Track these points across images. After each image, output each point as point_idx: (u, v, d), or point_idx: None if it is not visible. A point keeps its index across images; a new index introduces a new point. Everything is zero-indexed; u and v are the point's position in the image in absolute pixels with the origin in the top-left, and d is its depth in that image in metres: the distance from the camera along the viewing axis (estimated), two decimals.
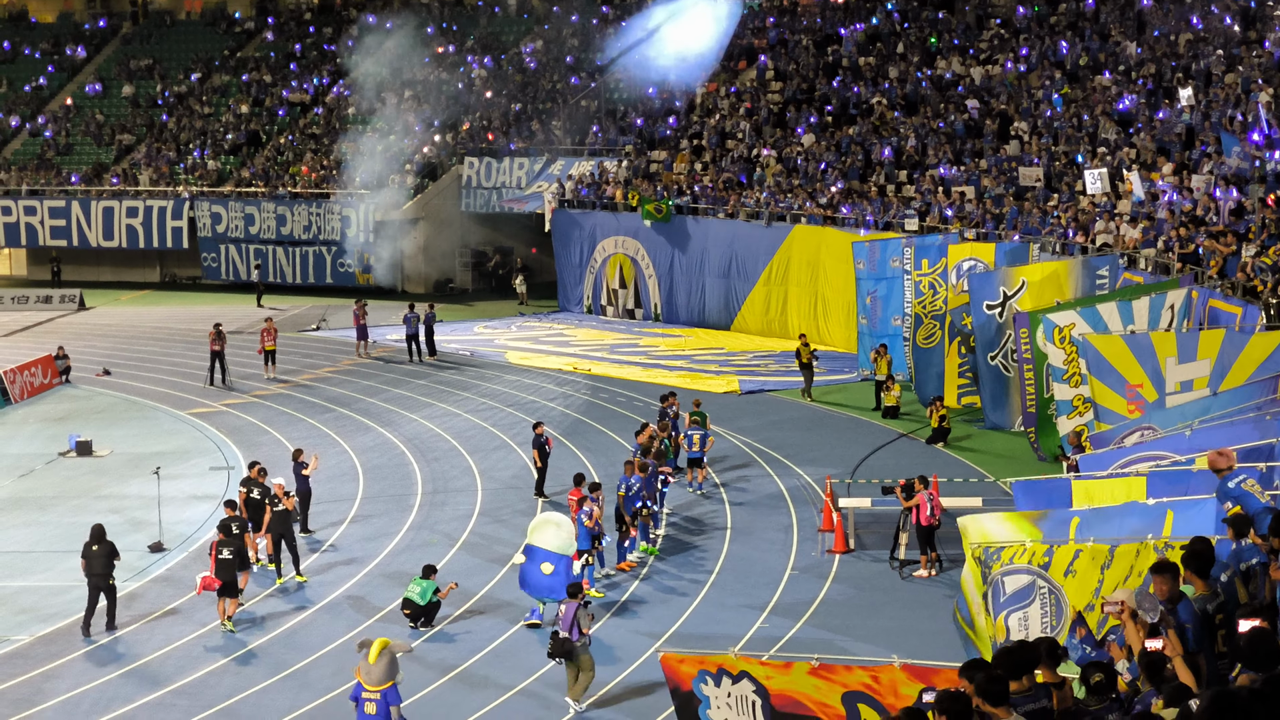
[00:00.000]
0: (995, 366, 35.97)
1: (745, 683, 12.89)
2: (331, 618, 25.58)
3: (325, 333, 55.58)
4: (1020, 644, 11.94)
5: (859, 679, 12.66)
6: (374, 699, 19.26)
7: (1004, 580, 15.88)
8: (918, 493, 26.71)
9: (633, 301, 56.80)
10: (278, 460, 34.20)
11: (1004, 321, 35.26)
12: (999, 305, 35.59)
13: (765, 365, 46.83)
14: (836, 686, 12.59)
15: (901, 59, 58.23)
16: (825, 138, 55.07)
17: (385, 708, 19.25)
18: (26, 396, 44.68)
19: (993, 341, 35.74)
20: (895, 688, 12.46)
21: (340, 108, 71.57)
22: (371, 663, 19.33)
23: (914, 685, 12.35)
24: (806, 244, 49.69)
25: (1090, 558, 15.46)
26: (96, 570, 25.04)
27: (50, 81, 79.16)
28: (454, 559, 28.21)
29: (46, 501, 33.48)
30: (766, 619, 24.67)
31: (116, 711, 21.83)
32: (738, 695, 12.89)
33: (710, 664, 13.16)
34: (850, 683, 12.64)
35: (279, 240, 65.91)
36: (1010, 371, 35.26)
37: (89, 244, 69.44)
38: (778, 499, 31.86)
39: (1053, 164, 45.21)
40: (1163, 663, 10.93)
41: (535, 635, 24.12)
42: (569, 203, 58.95)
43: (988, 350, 35.96)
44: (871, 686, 12.54)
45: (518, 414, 40.13)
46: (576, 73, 67.88)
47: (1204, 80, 45.96)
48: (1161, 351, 26.44)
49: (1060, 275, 35.96)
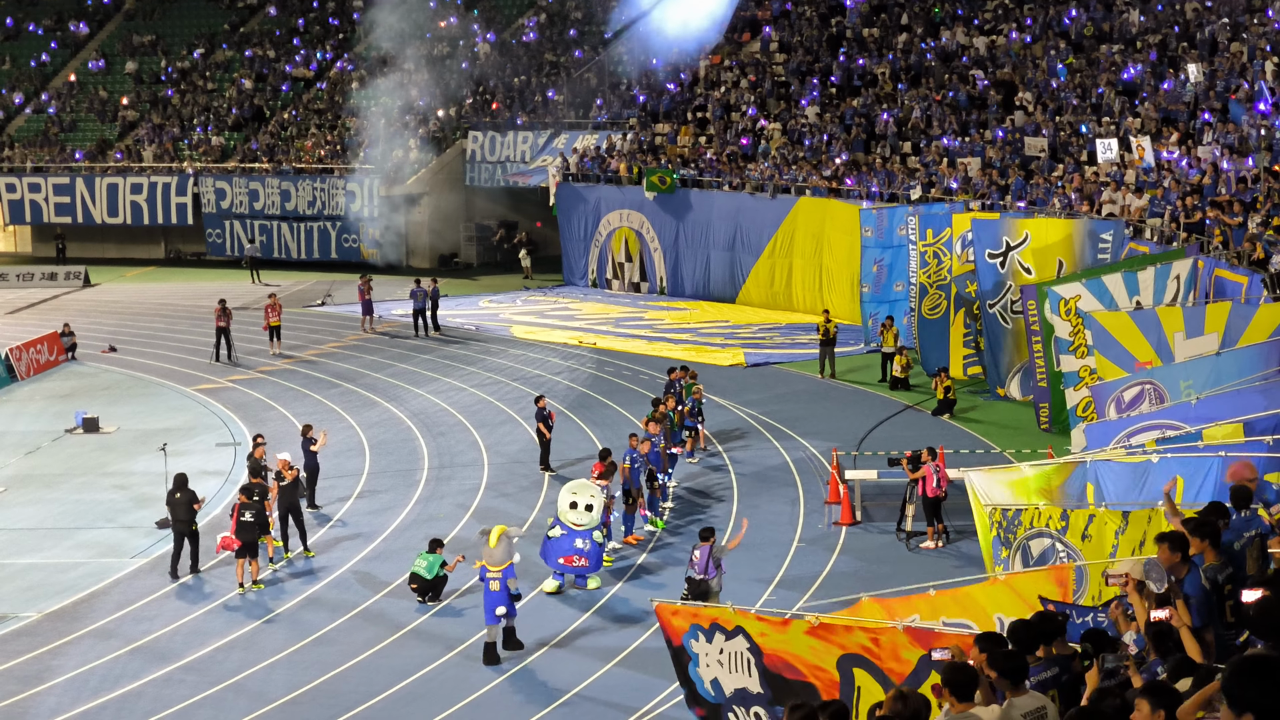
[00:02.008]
0: (994, 315, 36.01)
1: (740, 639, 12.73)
2: (339, 592, 25.60)
3: (330, 308, 55.58)
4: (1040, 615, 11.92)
5: (858, 641, 12.45)
6: (496, 577, 22.17)
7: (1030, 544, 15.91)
8: (924, 464, 26.68)
9: (638, 275, 56.75)
10: (284, 436, 34.25)
11: (1006, 272, 35.32)
12: (1001, 254, 35.59)
13: (770, 338, 46.79)
14: (834, 648, 12.41)
15: (905, 30, 58.02)
16: (830, 109, 54.93)
17: (504, 584, 22.17)
18: (32, 373, 44.72)
19: (993, 291, 35.76)
20: (896, 651, 12.29)
21: (344, 83, 71.45)
22: (492, 546, 22.35)
23: (915, 650, 12.18)
24: (811, 216, 49.60)
25: (1104, 522, 15.46)
26: (180, 517, 26.28)
27: (53, 58, 79.09)
28: (461, 533, 28.22)
29: (53, 478, 33.50)
30: (774, 591, 24.67)
31: (124, 688, 21.84)
32: (730, 652, 12.74)
33: (704, 617, 13.02)
34: (848, 645, 12.44)
35: (283, 216, 65.90)
36: (1009, 323, 35.37)
37: (93, 221, 69.46)
38: (784, 471, 31.84)
39: (1058, 134, 45.07)
40: (1170, 632, 10.89)
41: (544, 607, 24.12)
42: (573, 176, 58.84)
43: (988, 299, 35.99)
44: (870, 650, 12.34)
45: (523, 388, 40.11)
46: (580, 46, 67.70)
47: (1209, 49, 45.78)
48: (1169, 326, 26.37)
49: (1064, 233, 35.74)
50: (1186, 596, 11.51)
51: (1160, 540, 12.16)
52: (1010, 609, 14.05)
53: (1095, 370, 27.95)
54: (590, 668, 21.92)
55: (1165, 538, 12.14)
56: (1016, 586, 14.27)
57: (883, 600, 15.18)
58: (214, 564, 26.79)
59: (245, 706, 21.05)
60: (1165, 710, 8.52)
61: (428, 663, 22.26)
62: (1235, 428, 18.55)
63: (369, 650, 22.89)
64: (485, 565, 22.33)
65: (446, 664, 22.34)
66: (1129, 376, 24.29)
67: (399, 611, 24.47)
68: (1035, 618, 11.85)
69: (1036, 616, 11.92)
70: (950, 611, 14.51)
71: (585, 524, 24.94)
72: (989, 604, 14.34)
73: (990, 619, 14.18)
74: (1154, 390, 22.52)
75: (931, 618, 14.48)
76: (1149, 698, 8.59)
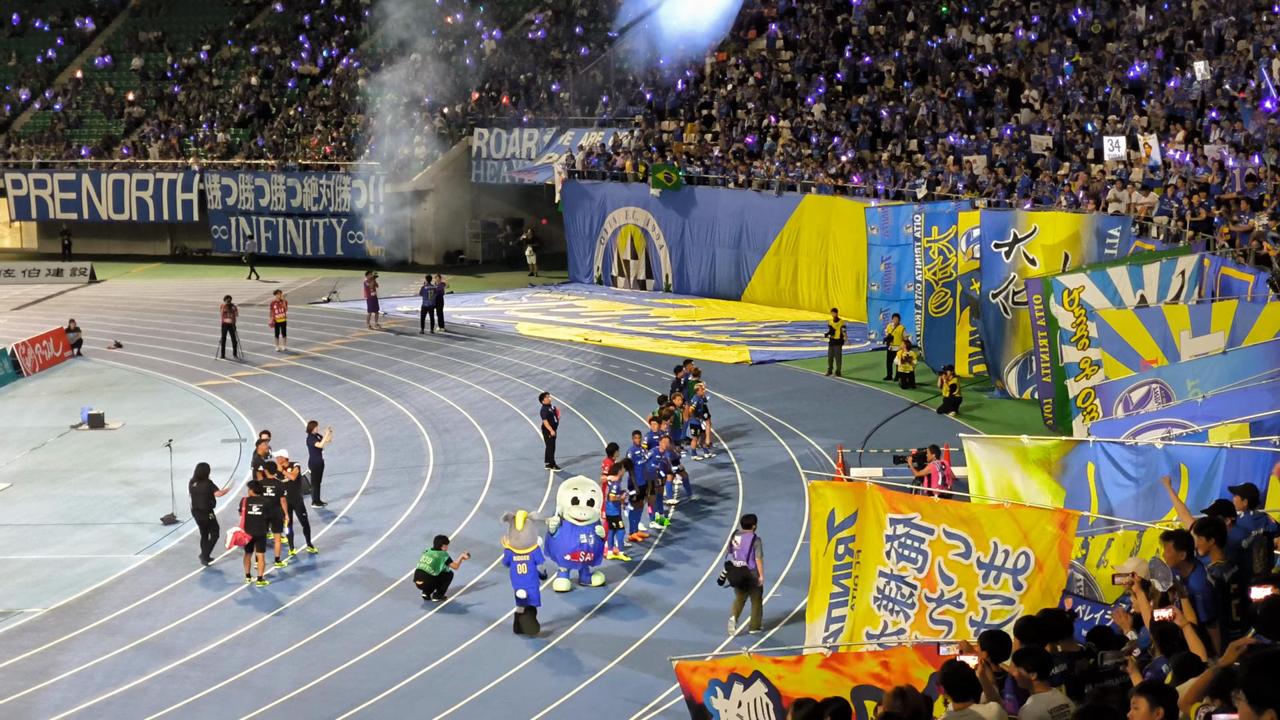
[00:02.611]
0: (996, 305, 35.96)
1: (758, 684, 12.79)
2: (344, 589, 25.61)
3: (336, 305, 55.59)
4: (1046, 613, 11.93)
5: (869, 668, 12.57)
6: (524, 560, 22.90)
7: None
8: (929, 462, 26.68)
9: (643, 272, 56.72)
10: (290, 432, 34.27)
11: (1010, 262, 35.27)
12: (1007, 244, 35.54)
13: (776, 335, 46.77)
14: (846, 680, 12.48)
15: (912, 27, 57.97)
16: (835, 107, 54.89)
17: (533, 566, 22.94)
18: (38, 370, 44.76)
19: (996, 280, 35.73)
20: (906, 671, 12.36)
21: (350, 79, 71.47)
22: (519, 529, 23.09)
23: (925, 667, 12.25)
24: (817, 214, 49.57)
25: (1121, 545, 15.46)
26: (199, 505, 26.79)
27: (59, 54, 79.11)
28: (465, 530, 28.23)
29: (58, 474, 33.54)
30: (779, 589, 24.65)
31: (129, 684, 21.86)
32: (749, 702, 12.79)
33: (722, 670, 13.02)
34: (859, 675, 12.53)
35: (289, 212, 65.91)
36: (1010, 313, 35.33)
37: (99, 217, 69.49)
38: (789, 469, 31.83)
39: (1064, 132, 45.02)
40: (1174, 631, 10.89)
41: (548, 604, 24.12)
42: (579, 174, 58.83)
43: (990, 287, 35.94)
44: (881, 676, 12.41)
45: (529, 385, 40.10)
46: (586, 42, 67.69)
47: (1216, 47, 45.71)
48: (1175, 324, 26.31)
49: (1072, 228, 35.69)
50: (1192, 594, 11.50)
51: (1165, 539, 12.15)
52: (1007, 537, 14.13)
53: (1098, 363, 27.89)
54: (594, 665, 21.93)
55: (1170, 536, 12.13)
56: (1019, 517, 14.33)
57: (886, 490, 15.35)
58: (223, 558, 26.88)
59: (250, 702, 21.07)
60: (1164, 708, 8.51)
61: (432, 660, 22.27)
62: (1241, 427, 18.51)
63: (373, 647, 22.91)
64: (511, 549, 22.99)
65: (451, 661, 22.35)
66: (1136, 376, 24.25)
67: (404, 608, 24.49)
68: (1042, 614, 11.86)
69: (1043, 613, 11.92)
70: (951, 522, 14.62)
71: (587, 519, 24.99)
72: (989, 526, 14.42)
73: (987, 541, 14.28)
74: (1161, 389, 22.49)
75: (934, 521, 14.63)
76: (1147, 695, 8.60)
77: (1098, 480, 17.09)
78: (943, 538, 14.66)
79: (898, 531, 14.97)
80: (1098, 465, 17.18)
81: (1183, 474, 16.38)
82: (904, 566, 14.87)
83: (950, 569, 14.55)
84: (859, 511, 15.38)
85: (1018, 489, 17.55)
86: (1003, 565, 14.14)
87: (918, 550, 14.79)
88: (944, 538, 14.65)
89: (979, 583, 14.23)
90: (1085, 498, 17.16)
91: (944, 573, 14.55)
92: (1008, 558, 14.22)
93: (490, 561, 26.42)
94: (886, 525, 15.08)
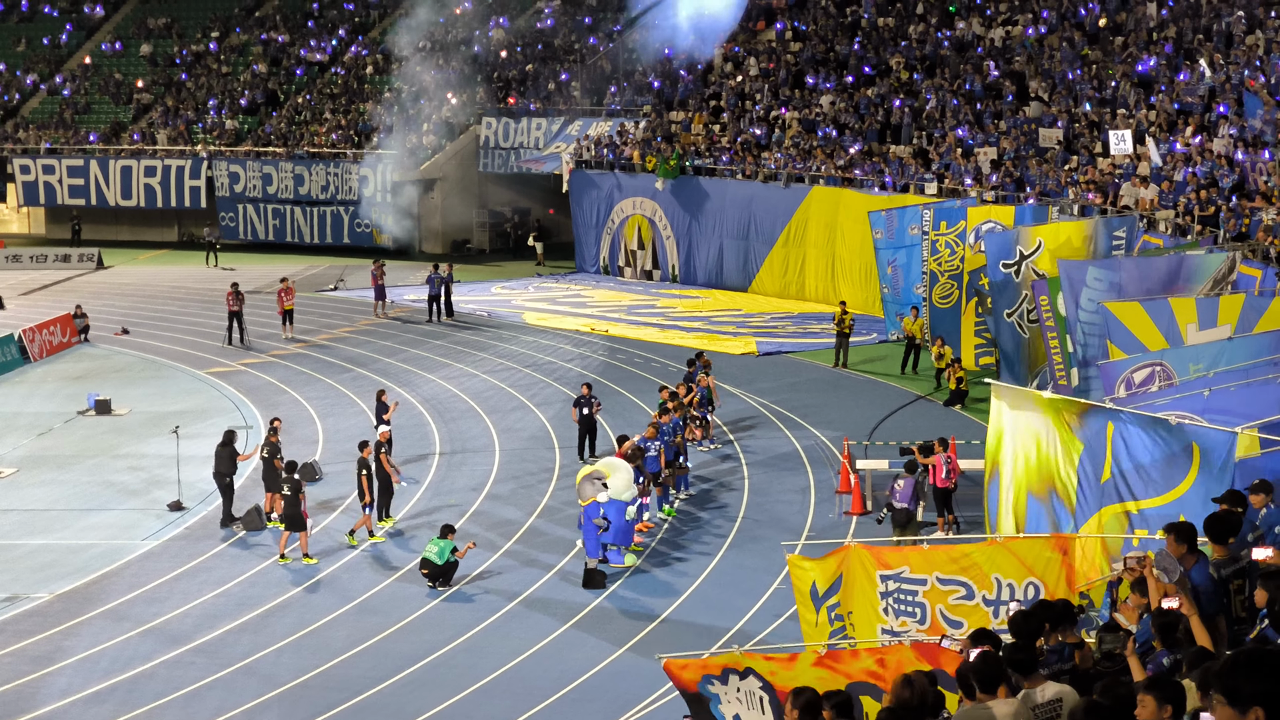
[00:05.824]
0: (1011, 324, 35.90)
1: (751, 679, 12.79)
2: (349, 577, 25.66)
3: (343, 293, 55.62)
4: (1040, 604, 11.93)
5: (864, 666, 12.48)
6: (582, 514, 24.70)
7: None
8: (935, 454, 26.69)
9: (650, 263, 56.72)
10: (297, 419, 34.32)
11: (1020, 281, 35.18)
12: (1015, 264, 35.46)
13: (783, 327, 46.77)
14: (840, 678, 12.42)
15: (921, 20, 57.90)
16: (844, 99, 54.83)
17: (589, 521, 24.57)
18: (45, 355, 44.83)
19: (1009, 300, 35.65)
20: (902, 668, 12.32)
21: (358, 67, 71.44)
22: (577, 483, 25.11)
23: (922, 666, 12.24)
24: (824, 205, 49.55)
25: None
26: (220, 469, 28.09)
27: (68, 40, 79.12)
28: (471, 519, 28.26)
29: (65, 460, 33.60)
30: (783, 581, 24.63)
31: (135, 670, 21.93)
32: (746, 690, 12.79)
33: (713, 666, 13.00)
34: (854, 672, 12.45)
35: (296, 200, 65.95)
36: (1026, 332, 35.20)
37: (107, 203, 69.54)
38: (795, 460, 31.85)
39: (1072, 126, 44.98)
40: (1176, 624, 10.86)
41: (554, 592, 24.16)
42: (586, 163, 58.81)
43: (1004, 308, 35.89)
44: (876, 673, 12.34)
45: (535, 375, 40.14)
46: (594, 32, 67.63)
47: (1225, 42, 45.63)
48: (1181, 318, 26.26)
49: (1077, 236, 35.75)
50: (1195, 587, 11.51)
51: (1168, 530, 12.13)
52: (1009, 571, 14.11)
53: None
54: (600, 653, 21.96)
55: (1172, 529, 12.11)
56: (1015, 549, 14.32)
57: (871, 548, 15.27)
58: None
59: (255, 689, 21.13)
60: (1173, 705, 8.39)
61: (437, 648, 22.31)
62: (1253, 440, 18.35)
63: (378, 635, 22.95)
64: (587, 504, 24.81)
65: (455, 650, 22.39)
66: (1139, 356, 24.19)
67: (409, 597, 24.54)
68: (1034, 605, 11.85)
69: (1036, 604, 11.92)
70: (945, 568, 14.57)
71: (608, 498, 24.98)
72: (986, 564, 14.39)
73: (988, 579, 14.24)
74: (1162, 370, 22.45)
75: (925, 571, 14.59)
76: (1155, 692, 8.42)
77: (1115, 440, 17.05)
78: (937, 585, 14.59)
79: (890, 588, 14.86)
80: (1117, 426, 17.17)
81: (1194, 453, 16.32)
82: (904, 622, 14.72)
83: (955, 613, 14.48)
84: (843, 575, 15.22)
85: (1040, 437, 17.67)
86: (1010, 599, 14.08)
87: (914, 604, 14.71)
88: (938, 585, 14.58)
89: (991, 621, 14.10)
90: (1101, 454, 17.15)
91: (949, 618, 14.45)
92: (1014, 591, 14.21)
93: (494, 551, 26.50)
94: (878, 583, 14.96)
